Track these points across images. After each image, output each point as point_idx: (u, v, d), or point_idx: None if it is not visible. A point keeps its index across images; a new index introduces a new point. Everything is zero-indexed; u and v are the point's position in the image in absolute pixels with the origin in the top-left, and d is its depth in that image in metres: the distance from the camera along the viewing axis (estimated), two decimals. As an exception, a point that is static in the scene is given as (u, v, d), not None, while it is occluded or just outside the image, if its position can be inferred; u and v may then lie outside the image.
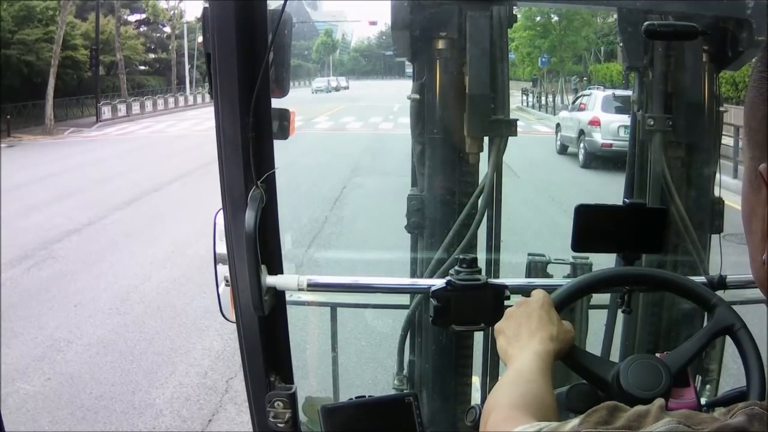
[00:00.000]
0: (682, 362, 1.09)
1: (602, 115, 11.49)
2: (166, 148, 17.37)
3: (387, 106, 21.06)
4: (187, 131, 20.63)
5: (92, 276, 6.70)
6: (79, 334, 5.18)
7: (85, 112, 25.90)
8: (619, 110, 11.05)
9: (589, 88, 16.31)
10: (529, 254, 2.05)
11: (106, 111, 24.99)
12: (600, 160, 10.98)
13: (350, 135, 18.53)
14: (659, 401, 0.62)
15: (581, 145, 11.81)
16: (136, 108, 26.95)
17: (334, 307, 2.12)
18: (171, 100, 30.59)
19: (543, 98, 22.09)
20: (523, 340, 1.01)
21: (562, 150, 13.16)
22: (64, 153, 17.12)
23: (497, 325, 1.08)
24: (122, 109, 26.06)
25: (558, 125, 13.67)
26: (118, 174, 13.06)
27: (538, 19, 20.62)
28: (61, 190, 11.44)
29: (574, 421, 0.63)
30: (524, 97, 23.24)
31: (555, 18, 20.57)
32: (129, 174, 13.06)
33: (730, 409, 0.55)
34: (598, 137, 11.23)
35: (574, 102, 14.54)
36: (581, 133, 11.84)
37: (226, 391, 4.22)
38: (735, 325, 1.11)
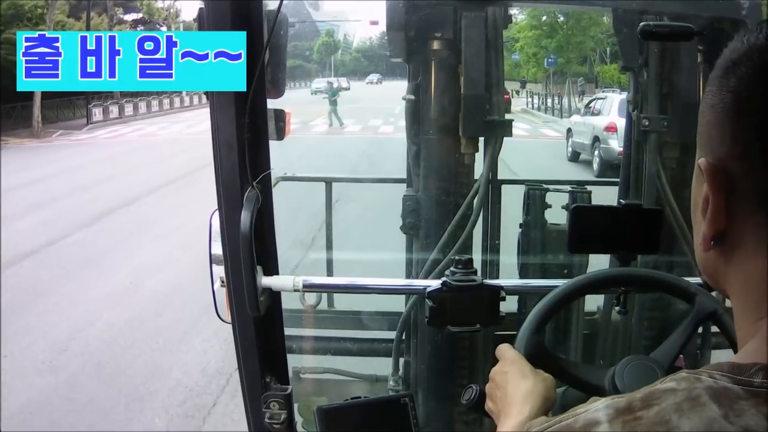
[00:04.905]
0: (671, 355, 1.10)
1: (619, 120, 9.54)
2: (156, 153, 16.45)
3: (388, 107, 20.55)
4: (178, 134, 19.80)
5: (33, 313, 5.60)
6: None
7: (76, 113, 25.07)
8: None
9: (603, 91, 15.18)
10: (527, 183, 2.05)
11: (97, 113, 24.30)
12: (617, 169, 10.46)
13: (349, 139, 18.19)
14: (593, 399, 0.62)
15: (596, 152, 10.81)
16: (129, 110, 26.45)
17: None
18: (166, 101, 29.97)
19: (549, 100, 21.51)
20: (509, 415, 0.94)
21: (574, 157, 12.03)
22: (49, 158, 16.00)
23: (487, 388, 1.01)
24: (114, 110, 25.51)
25: (569, 130, 12.48)
26: (99, 182, 12.05)
27: (545, 18, 19.78)
28: (33, 200, 10.39)
29: None
30: (525, 99, 22.86)
31: (561, 18, 19.85)
32: (110, 182, 12.01)
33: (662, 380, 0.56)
34: (614, 144, 9.86)
35: (587, 105, 13.15)
36: (596, 139, 10.83)
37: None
38: (718, 311, 1.12)
